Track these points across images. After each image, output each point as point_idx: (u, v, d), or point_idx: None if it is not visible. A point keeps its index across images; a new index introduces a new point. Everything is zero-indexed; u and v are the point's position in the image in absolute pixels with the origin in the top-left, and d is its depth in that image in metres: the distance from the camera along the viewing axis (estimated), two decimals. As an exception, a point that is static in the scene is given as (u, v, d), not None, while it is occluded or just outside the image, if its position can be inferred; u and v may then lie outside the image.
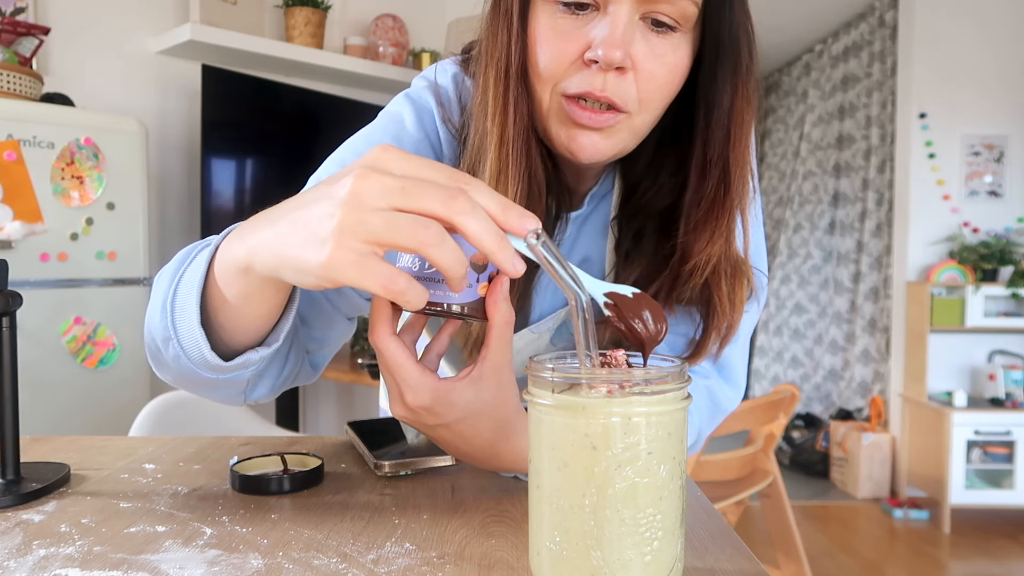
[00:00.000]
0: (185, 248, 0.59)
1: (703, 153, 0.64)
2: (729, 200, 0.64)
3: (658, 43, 0.59)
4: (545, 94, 0.61)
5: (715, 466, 2.16)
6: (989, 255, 3.46)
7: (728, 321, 0.68)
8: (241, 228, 0.49)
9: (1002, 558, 3.01)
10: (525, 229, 0.42)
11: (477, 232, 0.41)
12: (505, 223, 0.42)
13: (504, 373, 0.51)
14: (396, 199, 0.40)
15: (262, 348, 0.55)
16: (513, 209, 0.42)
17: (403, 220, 0.40)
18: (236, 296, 0.50)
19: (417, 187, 0.41)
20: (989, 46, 3.61)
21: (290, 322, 0.56)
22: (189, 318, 0.52)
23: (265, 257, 0.45)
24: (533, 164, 0.64)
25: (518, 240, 0.43)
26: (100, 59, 2.60)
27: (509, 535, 0.51)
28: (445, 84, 0.73)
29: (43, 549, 0.48)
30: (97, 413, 2.18)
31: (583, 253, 0.75)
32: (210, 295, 0.52)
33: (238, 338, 0.55)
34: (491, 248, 0.41)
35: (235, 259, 0.48)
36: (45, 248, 2.09)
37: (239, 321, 0.53)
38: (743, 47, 0.62)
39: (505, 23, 0.62)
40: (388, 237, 0.40)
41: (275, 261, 0.44)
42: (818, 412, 4.50)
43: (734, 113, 0.63)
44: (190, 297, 0.52)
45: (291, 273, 0.44)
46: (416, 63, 3.36)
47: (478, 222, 0.41)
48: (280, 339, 0.56)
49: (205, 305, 0.53)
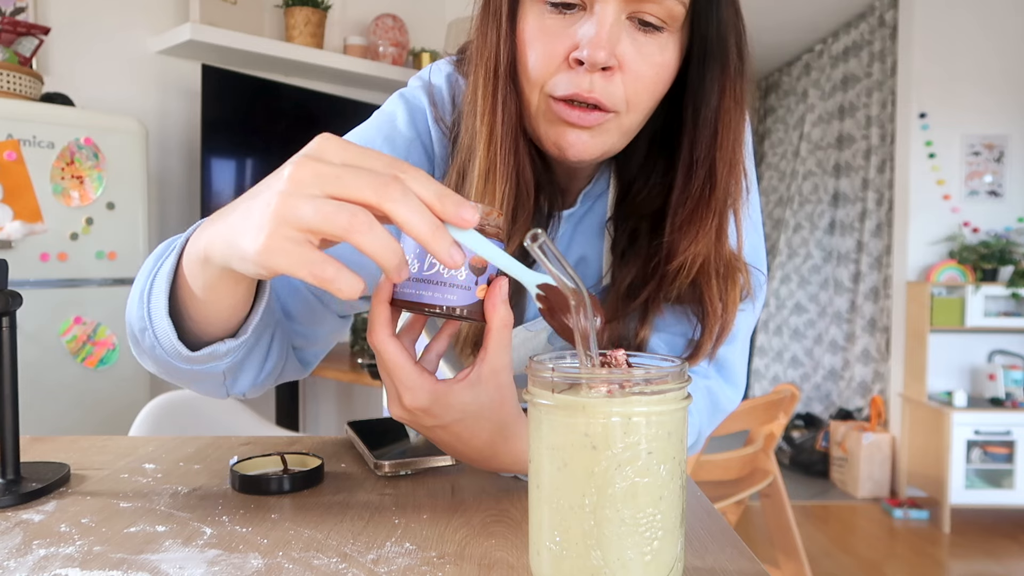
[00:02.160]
0: (168, 239, 0.59)
1: (690, 153, 0.64)
2: (715, 200, 0.64)
3: (645, 43, 0.59)
4: (533, 94, 0.61)
5: (715, 466, 2.16)
6: (989, 255, 3.46)
7: (721, 321, 0.68)
8: (209, 219, 0.50)
9: (1002, 558, 3.01)
10: (461, 217, 0.42)
11: (408, 219, 0.40)
12: (442, 212, 0.42)
13: (502, 375, 0.51)
14: (329, 186, 0.40)
15: (229, 340, 0.55)
16: (450, 198, 0.42)
17: (332, 207, 0.39)
18: (200, 288, 0.51)
19: (351, 175, 0.40)
20: (989, 46, 3.61)
21: (259, 316, 0.56)
22: (159, 309, 0.53)
23: (219, 247, 0.45)
24: (521, 163, 0.64)
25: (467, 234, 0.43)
26: (100, 59, 2.60)
27: (509, 535, 0.51)
28: (439, 84, 0.74)
29: (43, 549, 0.48)
30: (97, 413, 2.18)
31: (579, 253, 0.75)
32: (180, 287, 0.53)
33: (209, 330, 0.55)
34: (424, 237, 0.40)
35: (196, 251, 0.49)
36: (45, 248, 2.09)
37: (207, 313, 0.53)
38: (731, 46, 0.62)
39: (494, 23, 0.62)
40: (317, 224, 0.40)
41: (225, 251, 0.45)
42: (818, 412, 4.50)
43: (721, 113, 0.63)
44: (161, 289, 0.53)
45: (237, 262, 0.44)
46: (416, 63, 3.36)
47: (409, 209, 0.40)
48: (248, 331, 0.56)
49: (176, 297, 0.54)
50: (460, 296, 0.48)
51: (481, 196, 0.64)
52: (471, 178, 0.64)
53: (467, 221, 0.42)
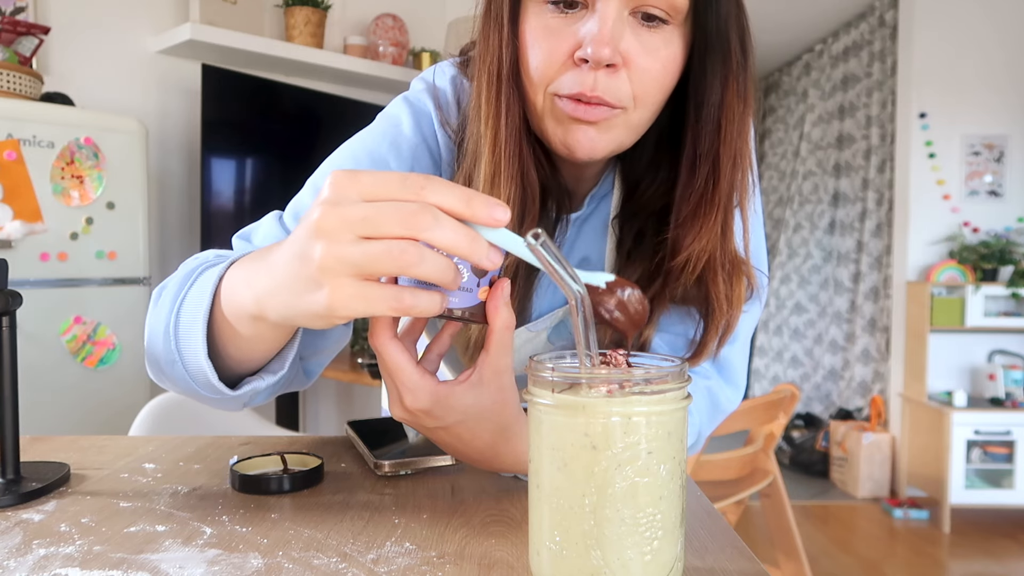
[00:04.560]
0: (186, 267, 0.60)
1: (693, 148, 0.64)
2: (719, 194, 0.63)
3: (650, 38, 0.59)
4: (538, 96, 0.61)
5: (715, 466, 2.16)
6: (989, 255, 3.46)
7: (726, 319, 0.67)
8: (243, 269, 0.51)
9: (1002, 558, 3.01)
10: (493, 218, 0.42)
11: (446, 242, 0.40)
12: (472, 217, 0.42)
13: (504, 377, 0.51)
14: (360, 230, 0.40)
15: (268, 376, 0.58)
16: (478, 200, 0.42)
17: (379, 249, 0.40)
18: (249, 337, 0.53)
19: (378, 214, 0.40)
20: (989, 46, 3.61)
21: (294, 351, 0.58)
22: (195, 349, 0.54)
23: (276, 308, 0.46)
24: (526, 167, 0.64)
25: (497, 232, 0.43)
26: (100, 59, 2.60)
27: (509, 535, 0.51)
28: (443, 86, 0.73)
29: (43, 548, 0.48)
30: (97, 413, 2.18)
31: (582, 253, 0.75)
32: (217, 328, 0.54)
33: (245, 364, 0.57)
34: (465, 252, 0.41)
35: (245, 307, 0.50)
36: (45, 248, 2.09)
37: (249, 354, 0.56)
38: (733, 40, 0.61)
39: (496, 26, 0.62)
40: (371, 267, 0.40)
41: (286, 311, 0.46)
42: (818, 412, 4.50)
43: (724, 108, 0.62)
44: (195, 328, 0.54)
45: (305, 320, 0.45)
46: (416, 63, 3.36)
47: (444, 232, 0.40)
48: (285, 367, 0.58)
49: (211, 335, 0.55)
50: (462, 298, 0.48)
51: None
52: (477, 182, 0.64)
53: (499, 221, 0.42)
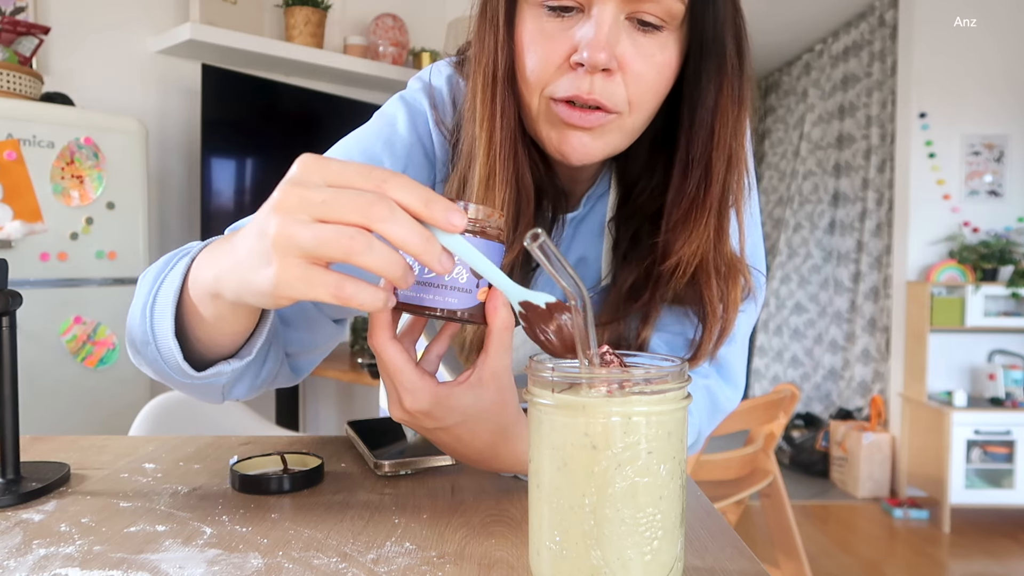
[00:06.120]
0: (170, 252, 0.61)
1: (686, 152, 0.64)
2: (710, 200, 0.63)
3: (645, 43, 0.59)
4: (533, 98, 0.61)
5: (715, 466, 2.16)
6: (989, 255, 3.46)
7: (721, 322, 0.67)
8: (210, 250, 0.51)
9: (1002, 558, 3.01)
10: (450, 222, 0.42)
11: (398, 237, 0.40)
12: (429, 218, 0.42)
13: (503, 377, 0.51)
14: (316, 212, 0.40)
15: (234, 360, 0.57)
16: (437, 203, 0.42)
17: (329, 232, 0.40)
18: (211, 317, 0.52)
19: (337, 199, 0.40)
20: (989, 45, 3.61)
21: (263, 338, 0.58)
22: (165, 329, 0.54)
23: (230, 284, 0.46)
24: (521, 168, 0.64)
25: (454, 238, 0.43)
26: (100, 59, 2.60)
27: (509, 535, 0.51)
28: (439, 86, 0.73)
29: (43, 548, 0.48)
30: (97, 413, 2.18)
31: (579, 253, 0.75)
32: (186, 309, 0.54)
33: (215, 350, 0.57)
34: (416, 251, 0.41)
35: (205, 285, 0.50)
36: (45, 248, 2.09)
37: (214, 337, 0.55)
38: (729, 44, 0.61)
39: (492, 28, 0.62)
40: (318, 250, 0.40)
41: (238, 288, 0.46)
42: (818, 412, 4.50)
43: (718, 111, 0.62)
44: (166, 309, 0.54)
45: (252, 298, 0.45)
46: (416, 63, 3.36)
47: (398, 227, 0.40)
48: (252, 353, 0.57)
49: (181, 316, 0.55)
50: (461, 299, 0.48)
51: (482, 202, 0.63)
52: (472, 184, 0.64)
53: (455, 226, 0.42)
